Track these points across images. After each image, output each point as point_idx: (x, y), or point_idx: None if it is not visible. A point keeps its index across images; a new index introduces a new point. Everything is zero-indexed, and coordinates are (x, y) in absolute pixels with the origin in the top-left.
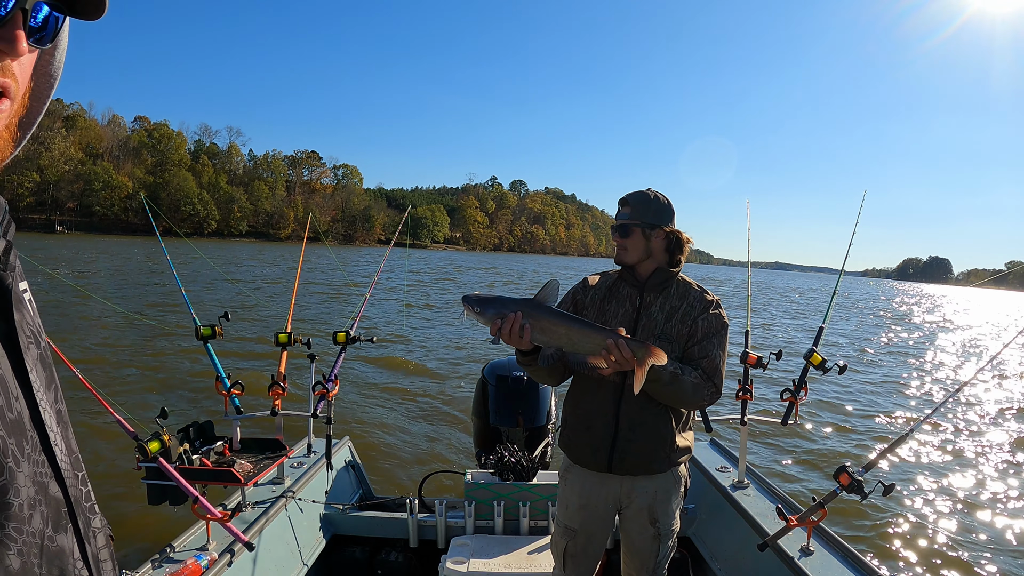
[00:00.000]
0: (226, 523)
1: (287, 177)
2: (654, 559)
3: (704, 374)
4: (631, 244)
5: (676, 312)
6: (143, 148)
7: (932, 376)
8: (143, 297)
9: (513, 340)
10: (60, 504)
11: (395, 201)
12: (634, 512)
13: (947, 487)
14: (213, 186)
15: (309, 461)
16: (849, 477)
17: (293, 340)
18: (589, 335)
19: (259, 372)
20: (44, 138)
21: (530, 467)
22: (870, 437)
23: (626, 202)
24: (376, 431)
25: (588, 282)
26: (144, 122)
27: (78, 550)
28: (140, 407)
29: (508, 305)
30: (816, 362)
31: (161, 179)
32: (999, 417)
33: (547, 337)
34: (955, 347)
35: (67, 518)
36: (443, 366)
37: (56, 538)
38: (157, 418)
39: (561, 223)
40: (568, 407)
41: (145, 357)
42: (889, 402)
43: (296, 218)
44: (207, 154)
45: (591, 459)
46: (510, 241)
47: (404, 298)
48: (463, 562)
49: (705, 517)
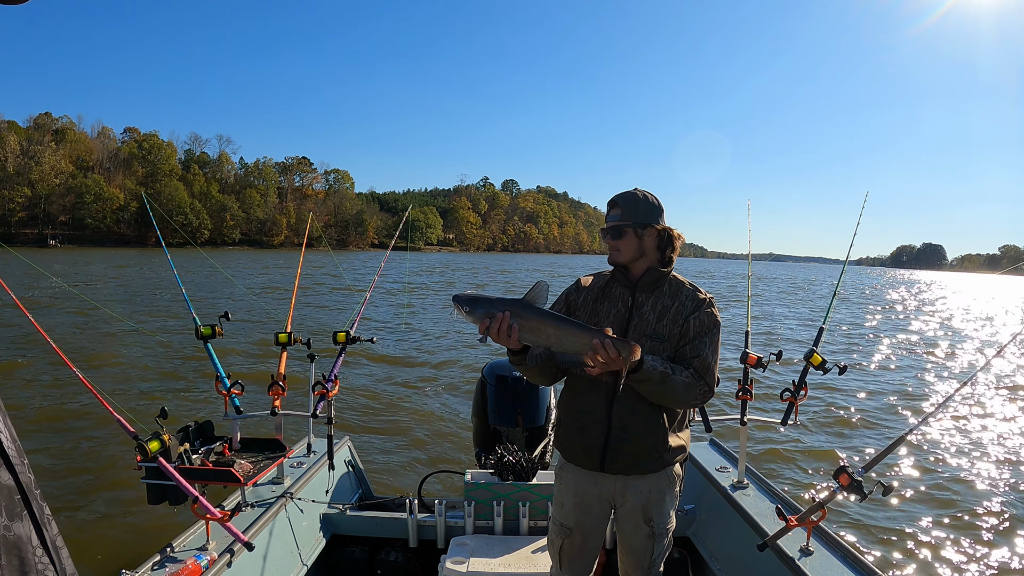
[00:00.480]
0: (226, 523)
1: (279, 184)
2: (649, 557)
3: (696, 373)
4: (624, 245)
5: (668, 311)
6: (133, 159)
7: (932, 376)
8: (142, 303)
9: (501, 339)
10: (12, 491)
11: (387, 205)
12: (628, 511)
13: (947, 487)
14: (205, 195)
15: (309, 461)
16: (849, 477)
17: (293, 340)
18: (575, 334)
19: (259, 372)
20: (34, 152)
21: (530, 467)
22: (870, 437)
23: (616, 203)
24: (376, 431)
25: (581, 283)
26: (134, 133)
27: (36, 537)
28: (140, 407)
29: (496, 305)
30: (816, 363)
31: (152, 189)
32: (999, 416)
33: (535, 336)
34: (954, 341)
35: (21, 505)
36: (443, 366)
37: (12, 527)
38: (157, 418)
39: (554, 221)
40: (562, 407)
41: (145, 357)
42: (889, 402)
43: (289, 224)
44: (198, 163)
45: (584, 459)
46: (503, 241)
47: (404, 299)
48: (463, 562)
49: (705, 517)
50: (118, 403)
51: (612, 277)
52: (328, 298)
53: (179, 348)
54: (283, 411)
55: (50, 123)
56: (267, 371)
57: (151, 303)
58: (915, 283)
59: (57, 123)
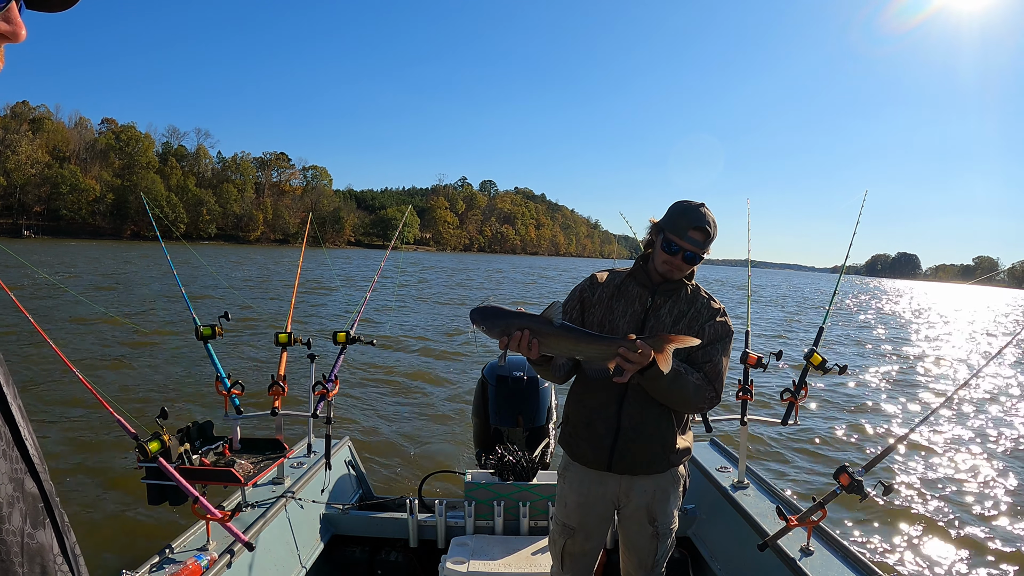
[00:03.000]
0: (226, 523)
1: (256, 179)
2: (652, 557)
3: (706, 378)
4: (688, 268)
5: (684, 317)
6: (111, 151)
7: (932, 375)
8: (135, 299)
9: (522, 352)
10: (36, 499)
11: (365, 202)
12: (632, 511)
13: (947, 487)
14: (182, 188)
15: (309, 461)
16: (849, 477)
17: (293, 340)
18: (598, 347)
19: (259, 372)
20: (10, 141)
21: (530, 467)
22: (870, 437)
23: (705, 231)
24: (376, 431)
25: (596, 279)
26: (111, 124)
27: (57, 545)
28: (140, 407)
29: (513, 323)
30: (816, 362)
31: (129, 182)
32: (999, 415)
33: (556, 350)
34: (949, 344)
35: (44, 513)
36: (443, 366)
37: (36, 535)
38: (157, 418)
39: (531, 223)
40: (571, 404)
41: (145, 357)
42: (889, 402)
43: (266, 220)
44: (175, 156)
45: (591, 457)
46: (480, 241)
47: (392, 302)
48: (463, 562)
49: (705, 517)
50: (118, 403)
51: (630, 275)
52: (316, 296)
53: (179, 348)
54: (283, 411)
55: (27, 112)
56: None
57: (145, 300)
58: (900, 292)
59: (34, 112)
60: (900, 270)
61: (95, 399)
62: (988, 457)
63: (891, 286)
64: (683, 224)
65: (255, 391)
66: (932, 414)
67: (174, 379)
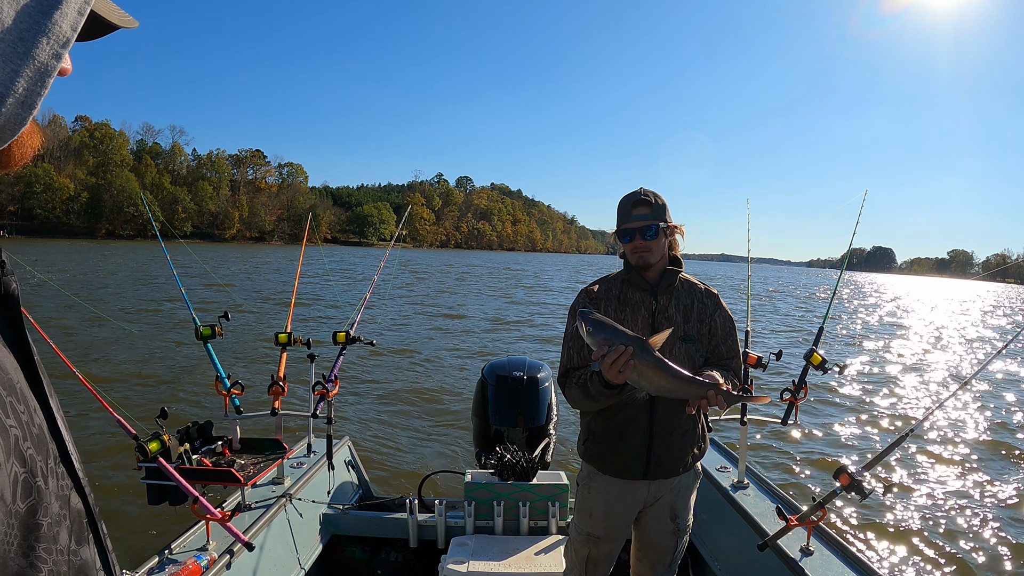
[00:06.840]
0: (226, 523)
1: (231, 176)
2: (671, 554)
3: (734, 373)
4: (655, 245)
5: (692, 311)
6: (84, 149)
7: (931, 375)
8: (130, 299)
9: (611, 371)
10: (81, 515)
11: (341, 199)
12: (657, 510)
13: (947, 486)
14: (157, 186)
15: (309, 461)
16: (849, 477)
17: (293, 340)
18: (689, 388)
19: (259, 372)
20: None
21: (530, 467)
22: (870, 437)
23: (644, 202)
24: (376, 431)
25: (592, 293)
26: (85, 122)
27: (99, 560)
28: (140, 407)
29: (619, 336)
30: (816, 362)
31: (103, 180)
32: (999, 415)
33: (644, 382)
34: (944, 341)
35: (88, 529)
36: (443, 366)
37: (80, 551)
38: (157, 418)
39: (508, 219)
40: (598, 420)
41: (145, 357)
42: (889, 402)
43: (241, 218)
44: (150, 154)
45: (625, 469)
46: (457, 238)
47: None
48: (463, 562)
49: (705, 517)
50: (118, 403)
51: (626, 281)
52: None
53: (179, 348)
54: (283, 411)
55: None
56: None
57: (142, 297)
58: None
59: None
60: (875, 263)
61: (95, 399)
62: (988, 456)
63: (865, 279)
64: (625, 211)
65: (255, 391)
66: (932, 414)
67: (174, 379)
